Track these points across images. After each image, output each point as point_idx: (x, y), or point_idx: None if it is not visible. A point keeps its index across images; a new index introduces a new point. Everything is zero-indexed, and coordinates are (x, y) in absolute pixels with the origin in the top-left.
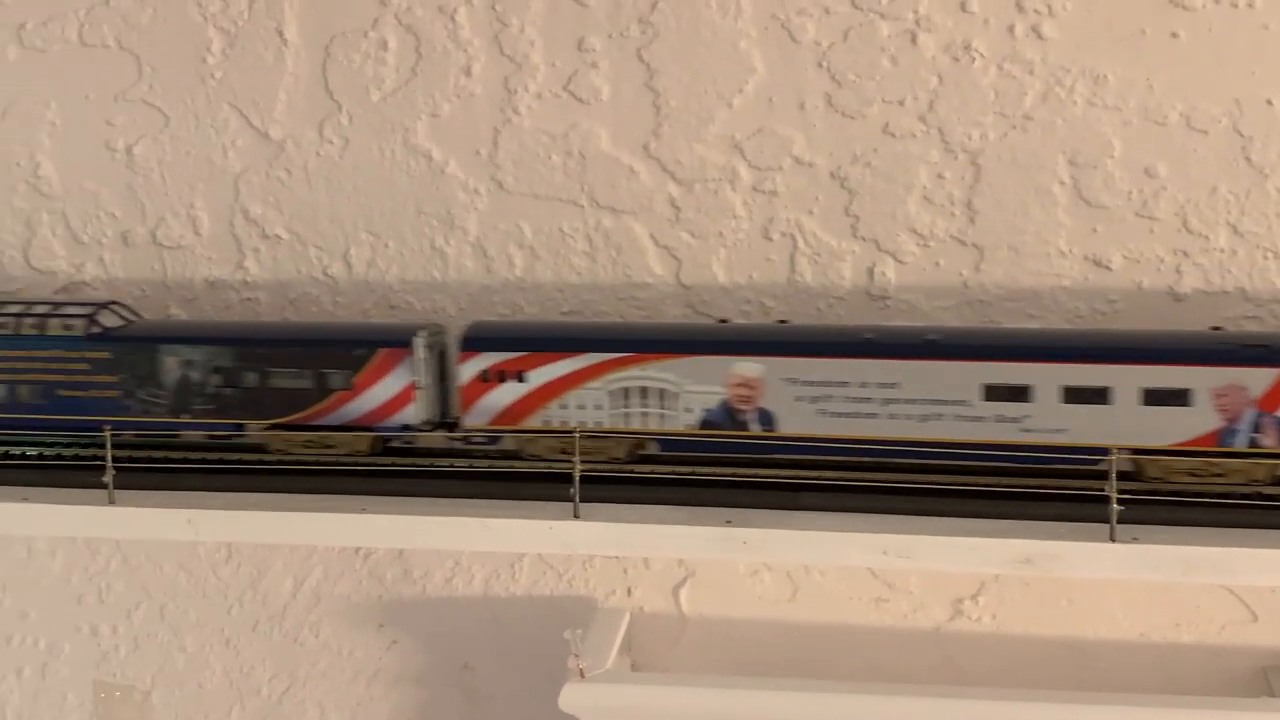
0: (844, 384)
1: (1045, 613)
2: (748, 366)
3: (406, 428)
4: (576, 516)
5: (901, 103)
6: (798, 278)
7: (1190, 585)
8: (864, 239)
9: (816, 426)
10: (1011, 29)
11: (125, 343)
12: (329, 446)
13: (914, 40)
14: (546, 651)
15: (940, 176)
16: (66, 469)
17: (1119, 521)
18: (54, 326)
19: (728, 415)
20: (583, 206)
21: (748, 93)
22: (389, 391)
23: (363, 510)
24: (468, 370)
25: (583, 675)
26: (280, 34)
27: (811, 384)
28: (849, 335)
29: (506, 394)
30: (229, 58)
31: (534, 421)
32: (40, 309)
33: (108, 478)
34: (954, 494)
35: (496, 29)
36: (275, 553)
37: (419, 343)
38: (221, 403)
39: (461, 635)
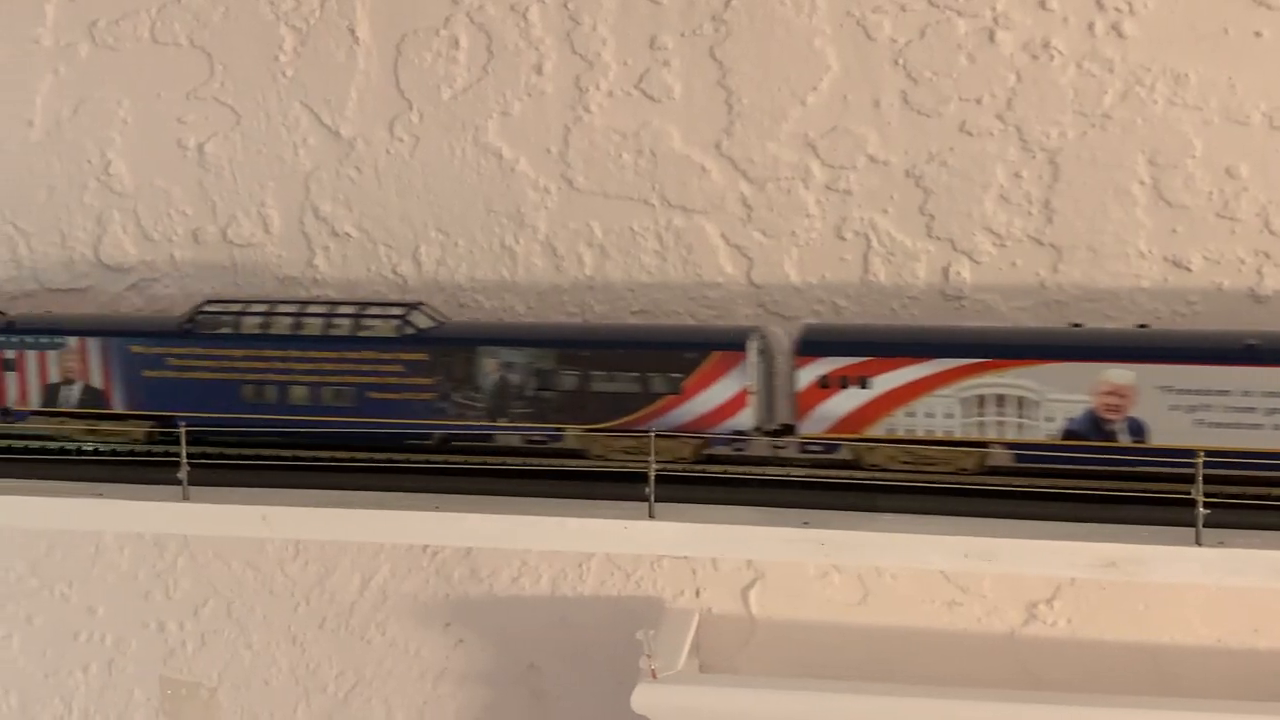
0: (1224, 393)
1: (1121, 618)
2: (1120, 373)
3: (738, 433)
4: (651, 517)
5: (979, 101)
6: (871, 278)
7: (1269, 591)
8: (939, 238)
9: (1192, 438)
10: (1091, 27)
11: (443, 344)
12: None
13: (992, 38)
14: (613, 652)
15: (1017, 175)
16: (136, 464)
17: (1204, 525)
18: (347, 327)
19: (1094, 425)
20: (653, 205)
21: (822, 90)
22: (721, 396)
23: (436, 508)
24: (806, 375)
25: (655, 676)
26: (352, 32)
27: (1190, 393)
28: (1230, 341)
29: (847, 401)
30: (300, 56)
31: (878, 430)
32: (346, 309)
33: (182, 474)
34: (1032, 496)
35: (568, 27)
36: (343, 550)
37: (752, 345)
38: (540, 406)
39: (528, 635)
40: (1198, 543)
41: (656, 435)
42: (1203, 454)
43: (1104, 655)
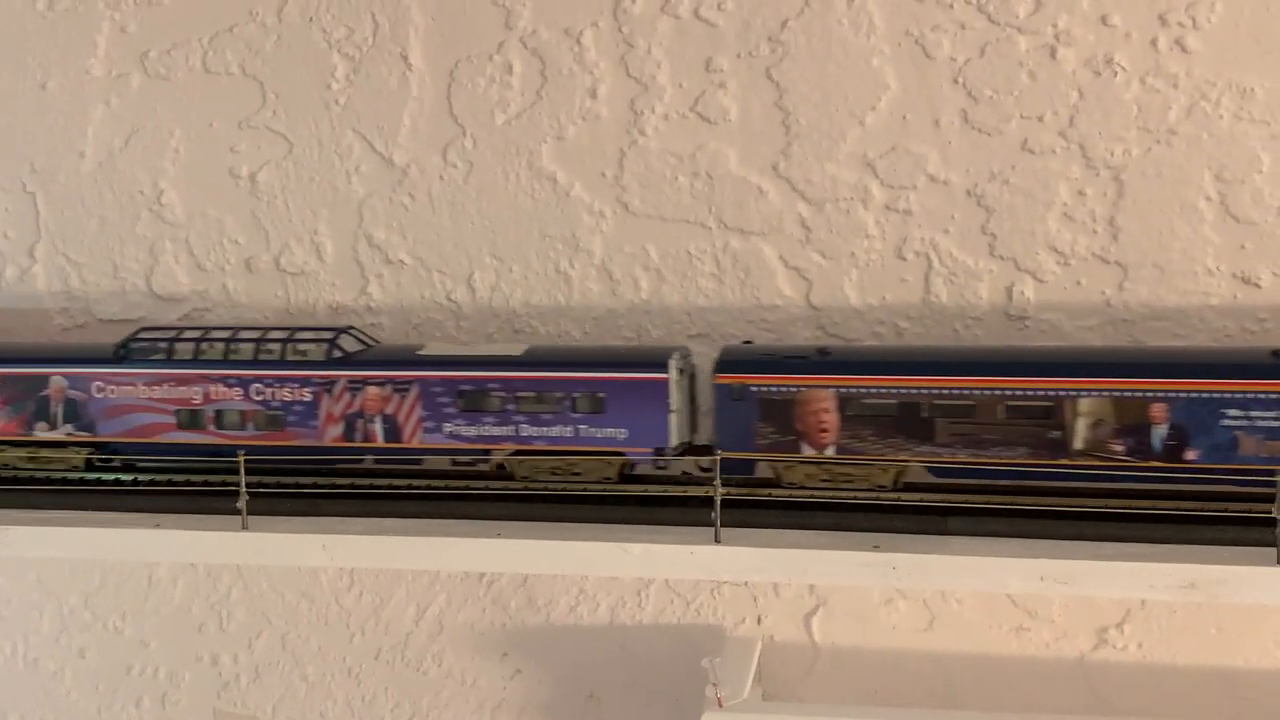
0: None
1: (1193, 641)
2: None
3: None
4: (718, 541)
5: (1041, 118)
6: (933, 298)
7: None
8: (1002, 258)
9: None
10: (1155, 42)
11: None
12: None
13: (1053, 54)
14: (674, 681)
15: (1081, 193)
16: (193, 494)
17: None
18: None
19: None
20: (710, 228)
21: (880, 110)
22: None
23: (498, 535)
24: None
25: (721, 705)
26: (405, 59)
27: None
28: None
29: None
30: (353, 83)
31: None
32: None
33: (241, 503)
34: (1106, 517)
35: (623, 50)
36: (398, 580)
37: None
38: None
39: (587, 664)
40: (1279, 562)
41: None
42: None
43: (1176, 680)
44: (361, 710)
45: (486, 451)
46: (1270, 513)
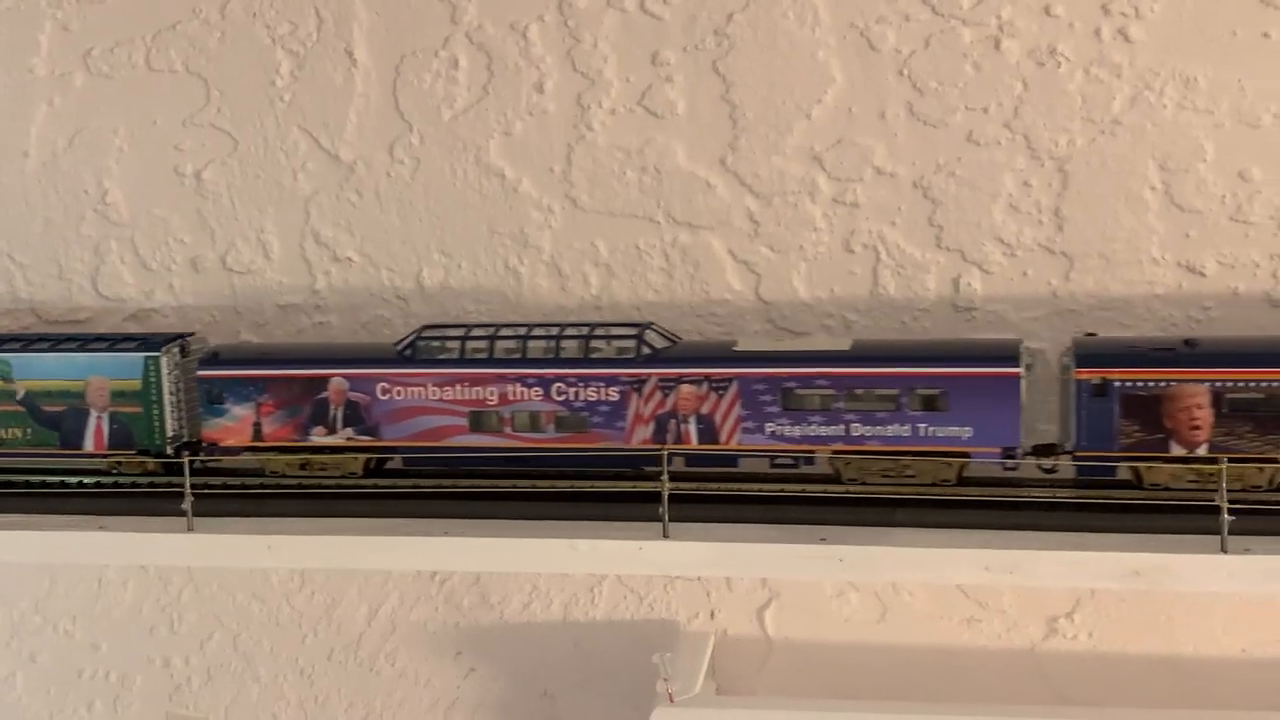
0: None
1: (1143, 629)
2: None
3: None
4: (666, 536)
5: (985, 110)
6: (881, 290)
7: None
8: (949, 249)
9: None
10: (1098, 32)
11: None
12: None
13: (997, 46)
14: (628, 677)
15: (1027, 184)
16: (141, 496)
17: (1230, 533)
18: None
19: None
20: (659, 223)
21: (827, 103)
22: None
23: (445, 533)
24: None
25: (672, 700)
26: (350, 55)
27: None
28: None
29: None
30: (298, 79)
31: None
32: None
33: (186, 505)
34: (1052, 507)
35: (569, 45)
36: (349, 580)
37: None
38: None
39: (541, 662)
40: (1223, 550)
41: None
42: (1225, 459)
43: (1127, 668)
44: (315, 711)
45: (810, 452)
46: (1214, 500)
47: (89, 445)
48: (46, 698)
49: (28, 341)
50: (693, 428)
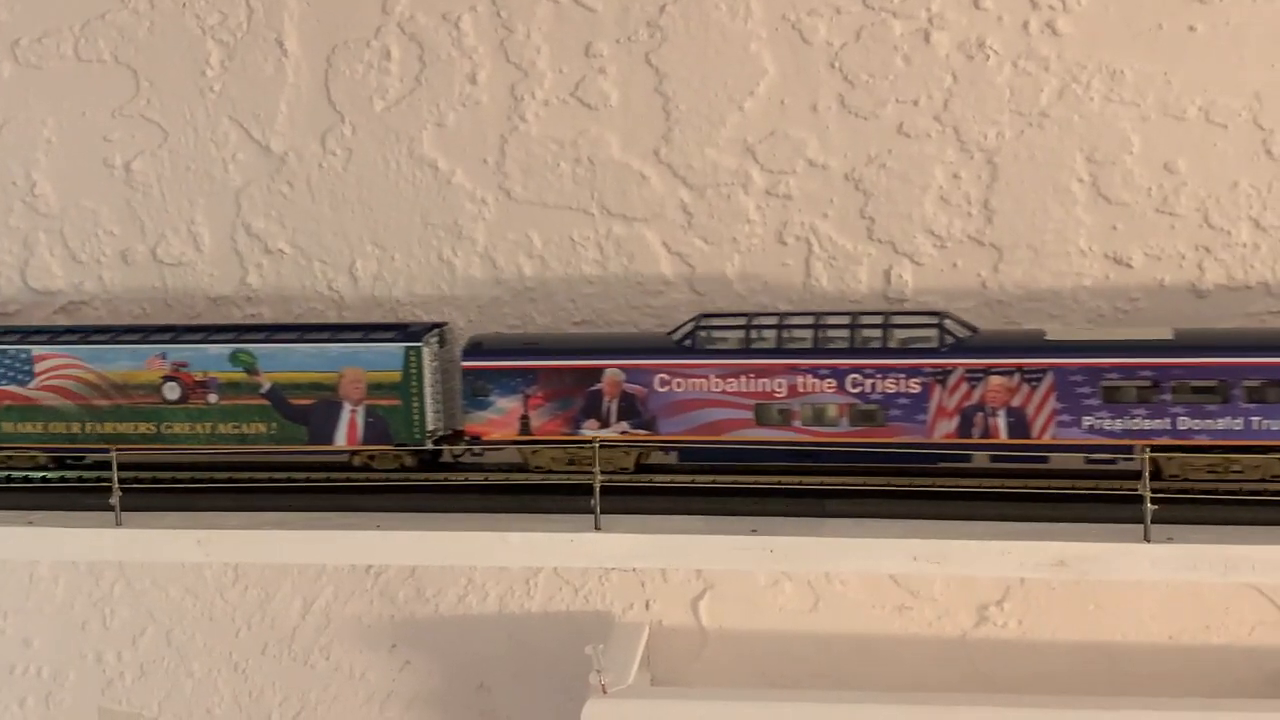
0: None
1: (1072, 617)
2: None
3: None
4: (598, 528)
5: (916, 102)
6: (813, 282)
7: (1219, 586)
8: (880, 241)
9: None
10: (1026, 25)
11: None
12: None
13: (927, 39)
14: (564, 669)
15: (956, 176)
16: (70, 491)
17: (1152, 522)
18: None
19: None
20: (593, 214)
21: (759, 95)
22: None
23: (377, 527)
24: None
25: (605, 691)
26: (280, 45)
27: None
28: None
29: None
30: (228, 70)
31: None
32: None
33: (114, 499)
34: (980, 497)
35: (502, 35)
36: (283, 574)
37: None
38: None
39: (476, 655)
40: (1146, 539)
41: (600, 445)
42: (1147, 449)
43: (1057, 655)
44: (249, 705)
45: (1129, 448)
46: (1137, 490)
47: (340, 440)
48: None
49: (271, 331)
50: (1002, 421)
